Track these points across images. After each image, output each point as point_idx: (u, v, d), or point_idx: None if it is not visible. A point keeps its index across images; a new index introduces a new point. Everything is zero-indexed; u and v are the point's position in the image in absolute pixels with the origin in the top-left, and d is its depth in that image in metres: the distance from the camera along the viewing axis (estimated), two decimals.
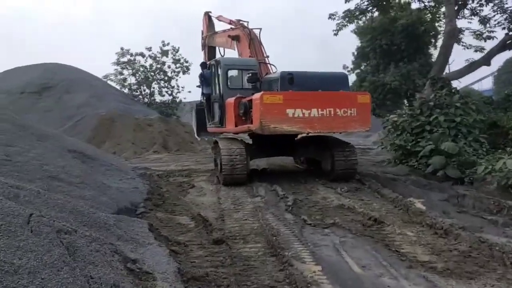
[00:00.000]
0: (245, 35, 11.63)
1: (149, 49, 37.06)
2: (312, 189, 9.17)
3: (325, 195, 8.61)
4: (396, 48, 35.26)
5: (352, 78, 41.01)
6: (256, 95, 9.00)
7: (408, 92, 36.11)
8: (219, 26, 14.38)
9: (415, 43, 35.04)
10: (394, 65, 35.56)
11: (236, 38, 11.98)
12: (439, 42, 37.20)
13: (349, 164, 9.82)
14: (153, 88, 38.05)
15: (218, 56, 13.83)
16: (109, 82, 35.55)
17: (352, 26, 36.14)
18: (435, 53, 37.39)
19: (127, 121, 22.75)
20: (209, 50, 14.47)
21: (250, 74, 10.42)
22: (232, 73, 10.94)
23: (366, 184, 9.43)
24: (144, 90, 38.41)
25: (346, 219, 6.77)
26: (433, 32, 36.52)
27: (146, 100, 38.05)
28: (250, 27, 11.90)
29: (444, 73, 15.63)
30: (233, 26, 12.45)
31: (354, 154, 10.04)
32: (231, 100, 10.17)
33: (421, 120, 13.41)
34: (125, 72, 37.50)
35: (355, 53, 39.33)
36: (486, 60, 16.79)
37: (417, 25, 34.50)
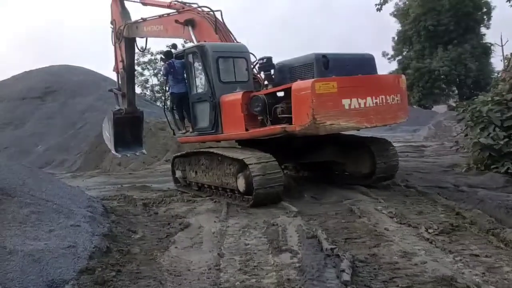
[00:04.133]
0: (204, 19, 9.59)
1: (172, 46, 33.87)
2: (376, 229, 5.52)
3: (404, 244, 4.93)
4: (444, 30, 31.14)
5: (393, 65, 36.90)
6: (300, 84, 7.01)
7: (459, 78, 31.83)
8: (138, 12, 11.79)
9: (464, 22, 30.78)
10: (442, 49, 31.40)
11: (189, 23, 9.65)
12: (493, 20, 32.62)
13: (392, 164, 8.42)
14: None
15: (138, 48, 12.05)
16: None
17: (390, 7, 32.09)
18: (488, 32, 32.85)
19: None
20: (128, 43, 11.92)
21: (264, 60, 8.24)
22: (221, 63, 8.62)
23: (466, 218, 5.68)
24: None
25: None
26: (485, 9, 32.03)
27: None
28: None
29: None
30: (176, 10, 10.27)
31: (395, 151, 8.78)
32: (234, 97, 8.09)
33: None
34: (146, 72, 34.69)
35: (396, 38, 35.35)
36: None
37: (467, 2, 30.22)
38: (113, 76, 12.94)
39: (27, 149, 19.82)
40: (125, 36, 11.75)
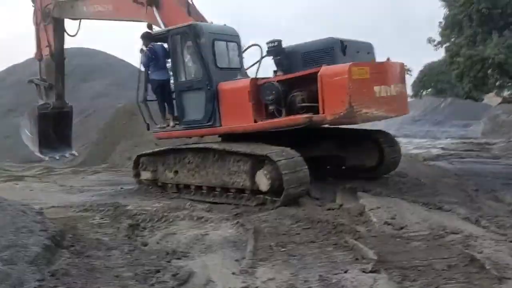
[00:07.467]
0: None
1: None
2: None
3: None
4: (499, 13, 28.08)
5: (439, 53, 33.55)
6: (333, 68, 6.47)
7: None
8: None
9: None
10: (498, 35, 28.26)
11: (153, 2, 8.45)
12: None
13: (397, 155, 8.18)
14: None
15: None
16: None
17: None
18: None
19: None
20: (57, 25, 10.53)
21: (275, 43, 7.38)
22: (216, 46, 7.80)
23: None
24: None
25: None
26: None
27: None
28: None
29: None
30: None
31: (397, 142, 8.56)
32: (240, 84, 7.42)
33: None
34: None
35: (443, 23, 32.28)
36: None
37: None
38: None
39: None
40: (56, 17, 10.36)
